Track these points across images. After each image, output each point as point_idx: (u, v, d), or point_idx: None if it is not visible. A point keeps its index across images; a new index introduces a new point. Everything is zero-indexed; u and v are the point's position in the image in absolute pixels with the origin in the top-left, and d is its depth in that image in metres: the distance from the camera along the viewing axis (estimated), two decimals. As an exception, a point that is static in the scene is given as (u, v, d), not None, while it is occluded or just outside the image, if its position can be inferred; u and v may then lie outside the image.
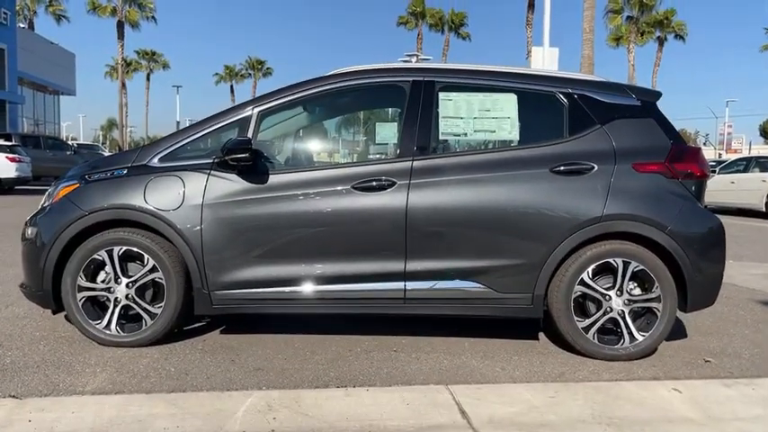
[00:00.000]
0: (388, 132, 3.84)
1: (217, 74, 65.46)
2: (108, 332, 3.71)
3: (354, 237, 3.67)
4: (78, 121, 72.91)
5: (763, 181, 15.27)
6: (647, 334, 3.67)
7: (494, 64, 3.99)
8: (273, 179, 3.67)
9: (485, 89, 3.86)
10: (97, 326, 3.72)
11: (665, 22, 45.49)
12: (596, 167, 3.66)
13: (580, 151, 3.70)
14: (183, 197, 3.66)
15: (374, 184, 3.63)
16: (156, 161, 3.77)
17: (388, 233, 3.64)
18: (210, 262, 3.65)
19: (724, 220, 4.04)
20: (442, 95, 3.81)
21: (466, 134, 3.78)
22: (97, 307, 3.77)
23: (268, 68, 65.14)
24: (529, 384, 3.32)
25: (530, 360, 3.69)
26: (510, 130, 3.79)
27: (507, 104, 3.82)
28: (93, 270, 3.72)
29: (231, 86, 65.23)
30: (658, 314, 3.67)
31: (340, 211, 3.64)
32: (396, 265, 3.66)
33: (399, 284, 3.67)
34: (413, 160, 3.68)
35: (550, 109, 3.84)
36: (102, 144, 67.67)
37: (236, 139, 3.63)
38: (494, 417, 2.91)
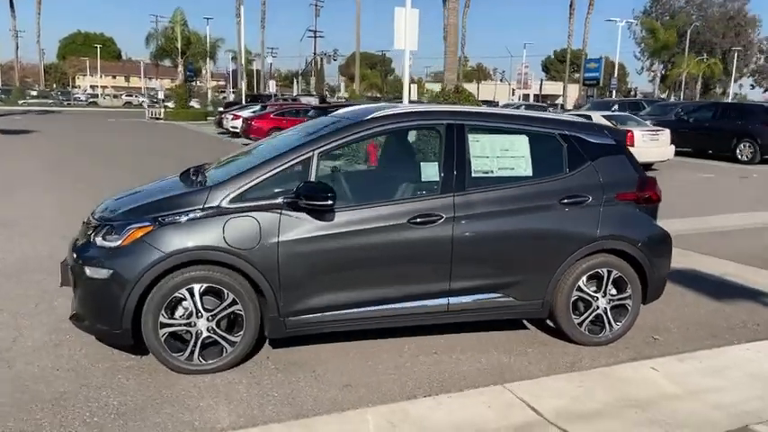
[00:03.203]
0: (431, 171, 4.42)
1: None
2: (190, 362, 4.03)
3: (409, 264, 4.30)
4: None
5: None
6: (620, 324, 4.80)
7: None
8: (339, 216, 4.14)
9: (503, 131, 4.61)
10: (180, 357, 4.01)
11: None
12: (590, 198, 4.61)
13: (578, 185, 4.62)
14: (259, 236, 4.01)
15: (426, 218, 4.26)
16: (227, 203, 4.04)
17: (437, 260, 4.33)
18: (285, 293, 4.09)
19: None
20: (470, 137, 4.48)
21: (492, 171, 4.51)
22: (176, 339, 4.04)
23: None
24: (557, 376, 4.27)
25: (542, 352, 4.65)
26: (525, 167, 4.59)
27: (521, 145, 4.60)
28: (173, 306, 3.98)
29: None
30: (629, 308, 4.80)
31: (398, 242, 4.24)
32: (442, 286, 4.38)
33: (444, 300, 4.41)
34: (454, 196, 4.35)
35: (553, 149, 4.69)
36: None
37: (314, 185, 4.03)
38: (557, 410, 3.82)
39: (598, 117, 16.41)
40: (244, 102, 36.53)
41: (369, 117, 4.41)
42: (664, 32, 54.77)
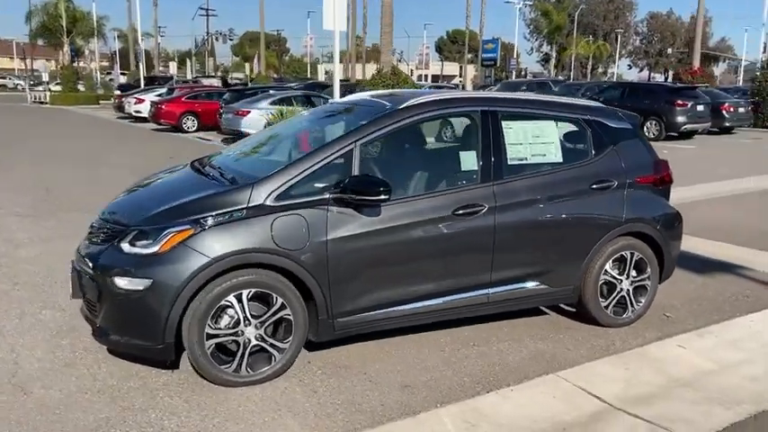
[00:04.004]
0: (470, 160, 4.28)
1: None
2: (238, 374, 3.73)
3: (453, 257, 4.19)
4: None
5: None
6: (641, 304, 4.92)
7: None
8: (385, 211, 3.94)
9: (532, 117, 4.56)
10: (227, 369, 3.70)
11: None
12: (616, 183, 4.67)
13: (604, 170, 4.66)
14: (308, 235, 3.75)
15: (470, 209, 4.15)
16: (272, 200, 3.74)
17: (480, 251, 4.24)
18: (336, 293, 3.86)
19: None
20: (504, 124, 4.40)
21: (526, 158, 4.45)
22: (218, 350, 3.72)
23: None
24: (600, 361, 4.30)
25: (573, 337, 4.68)
26: (555, 153, 4.57)
27: (550, 131, 4.58)
28: (218, 315, 3.66)
29: None
30: (648, 288, 4.92)
31: (444, 235, 4.10)
32: (484, 277, 4.30)
33: (485, 291, 4.34)
34: (493, 185, 4.26)
35: (579, 134, 4.70)
36: None
37: (367, 179, 3.81)
38: (617, 395, 3.85)
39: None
40: (143, 84, 34.57)
41: (405, 105, 4.22)
42: (557, 15, 57.13)
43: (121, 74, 51.73)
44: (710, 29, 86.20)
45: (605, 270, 4.70)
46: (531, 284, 4.49)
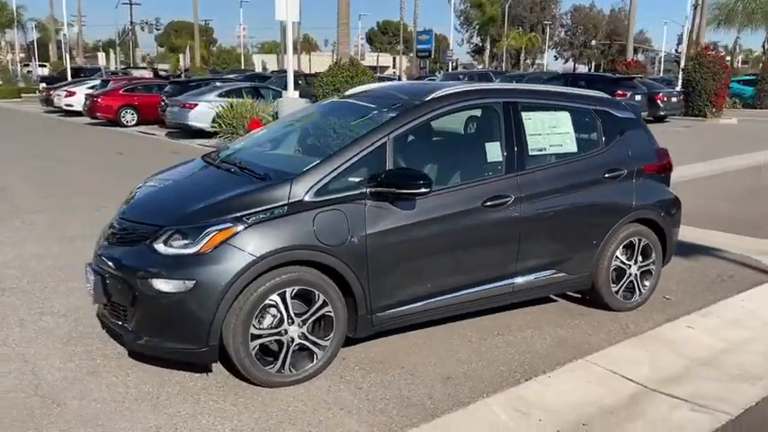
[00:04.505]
0: (495, 151, 4.30)
1: None
2: (281, 374, 3.64)
3: (484, 248, 4.22)
4: None
5: None
6: (646, 288, 5.09)
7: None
8: (420, 203, 3.93)
9: (549, 108, 4.63)
10: (271, 370, 3.61)
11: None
12: (625, 171, 4.80)
13: (615, 159, 4.79)
14: (348, 230, 3.70)
15: (498, 200, 4.18)
16: (311, 196, 3.66)
17: (508, 241, 4.29)
18: (375, 288, 3.82)
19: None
20: (524, 115, 4.45)
21: (545, 149, 4.52)
22: (262, 351, 3.63)
23: None
24: (621, 345, 4.43)
25: (589, 323, 4.79)
26: (570, 143, 4.65)
27: (565, 121, 4.66)
28: (262, 315, 3.56)
29: None
30: (653, 272, 5.10)
31: (475, 226, 4.13)
32: (510, 267, 4.36)
33: (510, 281, 4.40)
34: (517, 176, 4.31)
35: (591, 124, 4.81)
36: None
37: (407, 172, 3.79)
38: (648, 377, 3.97)
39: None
40: (70, 76, 33.04)
41: (432, 97, 4.21)
42: (490, 6, 58.09)
43: (40, 65, 49.29)
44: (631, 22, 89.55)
45: (616, 256, 4.84)
46: (551, 273, 4.57)
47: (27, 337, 4.30)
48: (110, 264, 3.69)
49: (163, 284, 3.42)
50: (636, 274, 4.98)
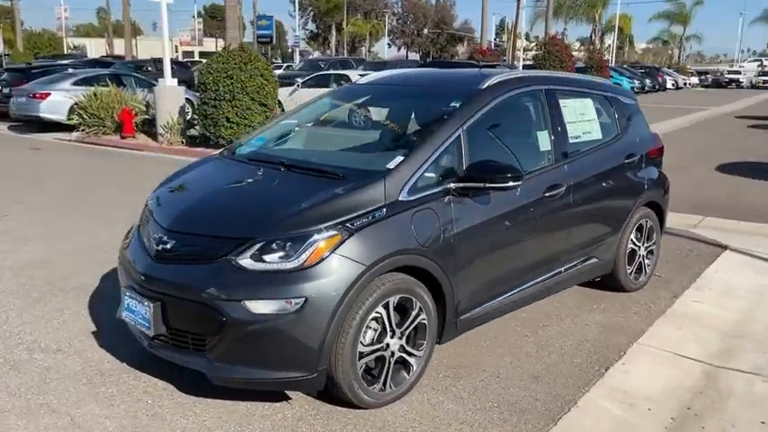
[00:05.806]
0: (545, 139, 4.17)
1: None
2: (383, 392, 3.30)
3: (546, 238, 4.14)
4: None
5: None
6: (650, 267, 5.30)
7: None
8: (495, 196, 3.73)
9: (577, 95, 4.62)
10: (374, 390, 3.25)
11: None
12: (638, 156, 4.94)
13: (629, 144, 4.91)
14: (440, 230, 3.42)
15: (555, 189, 4.11)
16: (405, 195, 3.33)
17: (562, 230, 4.24)
18: (460, 291, 3.58)
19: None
20: (561, 102, 4.39)
21: (580, 136, 4.50)
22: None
23: None
24: (656, 325, 4.55)
25: (615, 306, 4.87)
26: (597, 130, 4.68)
27: (591, 108, 4.68)
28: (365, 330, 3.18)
29: None
30: (654, 252, 5.32)
31: (540, 217, 4.02)
32: (562, 257, 4.31)
33: (560, 269, 4.35)
34: (564, 164, 4.26)
35: (607, 111, 4.87)
36: None
37: (496, 165, 3.56)
38: (705, 353, 4.11)
39: (355, 75, 16.83)
40: None
41: (488, 85, 4.00)
42: (333, -6, 57.92)
43: None
44: (455, 12, 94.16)
45: (631, 239, 4.98)
46: (586, 259, 4.60)
47: (33, 385, 3.51)
48: (175, 286, 3.10)
49: (262, 306, 2.92)
50: (643, 255, 5.17)
